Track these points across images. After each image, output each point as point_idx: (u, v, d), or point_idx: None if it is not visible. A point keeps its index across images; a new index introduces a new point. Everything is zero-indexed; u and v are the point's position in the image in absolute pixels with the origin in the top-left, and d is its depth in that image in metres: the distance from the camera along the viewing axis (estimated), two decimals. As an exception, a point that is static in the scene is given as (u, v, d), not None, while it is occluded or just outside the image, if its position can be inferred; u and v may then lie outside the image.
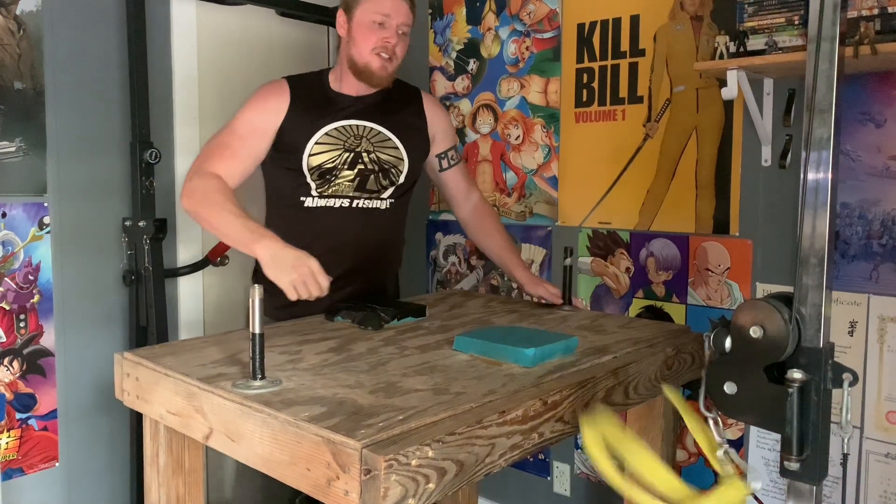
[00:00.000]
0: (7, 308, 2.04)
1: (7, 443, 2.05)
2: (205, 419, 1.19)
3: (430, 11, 2.84)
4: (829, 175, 0.98)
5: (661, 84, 2.23)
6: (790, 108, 1.95)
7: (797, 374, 0.96)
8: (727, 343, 1.03)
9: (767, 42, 1.81)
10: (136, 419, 2.19)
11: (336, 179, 1.83)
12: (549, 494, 2.58)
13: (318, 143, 1.83)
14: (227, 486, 2.41)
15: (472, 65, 2.72)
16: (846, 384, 0.98)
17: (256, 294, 1.15)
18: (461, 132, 2.75)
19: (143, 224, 2.21)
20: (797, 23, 1.77)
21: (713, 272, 2.15)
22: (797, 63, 1.76)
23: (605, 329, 1.65)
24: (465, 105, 2.75)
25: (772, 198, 2.04)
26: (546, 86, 2.51)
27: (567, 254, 1.85)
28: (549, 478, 2.58)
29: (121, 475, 2.32)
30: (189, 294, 2.47)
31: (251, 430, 1.09)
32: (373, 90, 1.89)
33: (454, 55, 2.77)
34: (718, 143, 2.13)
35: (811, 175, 0.99)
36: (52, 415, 2.15)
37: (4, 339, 2.04)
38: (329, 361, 1.34)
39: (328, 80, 1.93)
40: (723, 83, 1.90)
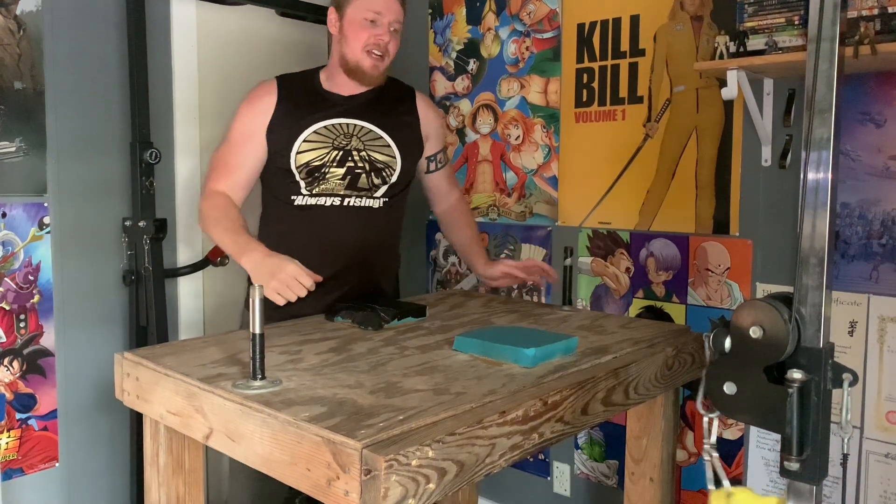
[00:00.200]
0: (7, 308, 2.04)
1: (7, 443, 2.05)
2: (205, 419, 1.19)
3: (430, 11, 2.84)
4: (829, 175, 0.98)
5: (661, 84, 2.23)
6: (790, 108, 1.95)
7: (797, 375, 0.96)
8: (727, 343, 1.03)
9: (767, 42, 1.81)
10: (136, 419, 2.19)
11: (325, 177, 1.83)
12: (549, 494, 2.58)
13: (306, 141, 1.82)
14: (225, 486, 2.41)
15: (472, 65, 2.72)
16: (846, 384, 0.98)
17: (257, 294, 1.15)
18: (461, 132, 2.75)
19: (143, 224, 2.21)
20: (797, 23, 1.77)
21: (713, 272, 2.15)
22: (797, 63, 1.76)
23: (605, 329, 1.65)
24: (465, 105, 2.75)
25: (772, 198, 2.04)
26: (546, 86, 2.51)
27: (567, 254, 1.85)
28: (549, 478, 2.58)
29: (121, 475, 2.32)
30: (189, 294, 2.47)
31: (251, 430, 1.10)
32: (365, 88, 1.88)
33: (454, 55, 2.77)
34: (718, 143, 2.13)
35: (811, 175, 0.99)
36: (52, 415, 2.15)
37: (4, 339, 2.04)
38: (329, 361, 1.34)
39: (319, 79, 1.92)
40: (723, 83, 1.90)
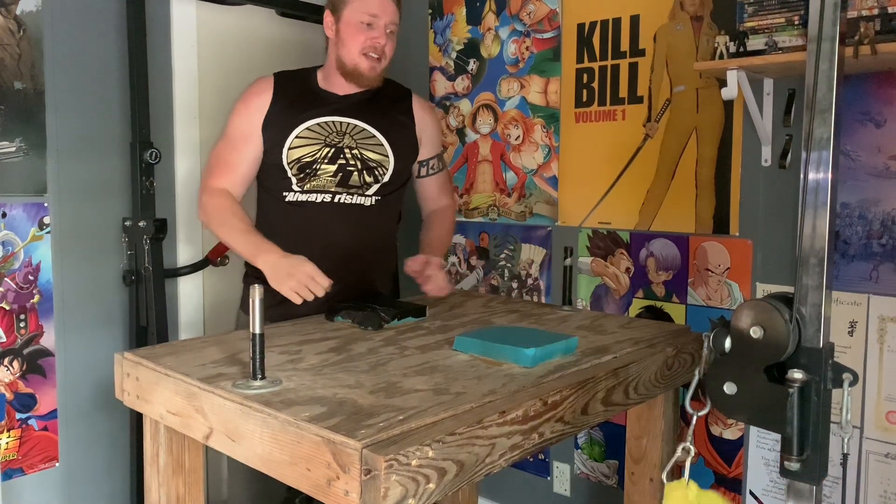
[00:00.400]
0: (7, 308, 2.04)
1: (7, 443, 2.05)
2: (205, 419, 1.19)
3: (430, 11, 2.84)
4: (829, 175, 0.98)
5: (661, 84, 2.23)
6: (790, 108, 1.95)
7: (797, 375, 0.97)
8: (727, 343, 1.03)
9: (767, 42, 1.81)
10: (136, 419, 2.19)
11: (316, 174, 1.84)
12: (549, 494, 2.58)
13: (299, 137, 1.84)
14: (224, 486, 2.41)
15: (472, 65, 2.72)
16: (846, 384, 0.98)
17: (257, 294, 1.15)
18: (461, 132, 2.75)
19: (143, 224, 2.21)
20: (797, 23, 1.77)
21: (713, 272, 2.15)
22: (797, 63, 1.76)
23: (605, 329, 1.65)
24: (465, 105, 2.74)
25: (772, 198, 2.04)
26: (546, 86, 2.51)
27: (567, 254, 1.85)
28: (549, 478, 2.58)
29: (121, 475, 2.32)
30: (189, 294, 2.47)
31: (251, 430, 1.10)
32: (359, 89, 1.89)
33: (454, 55, 2.77)
34: (718, 143, 2.13)
35: (811, 175, 0.99)
36: (52, 415, 2.15)
37: (4, 339, 2.04)
38: (329, 361, 1.34)
39: (316, 78, 1.94)
40: (723, 83, 1.90)
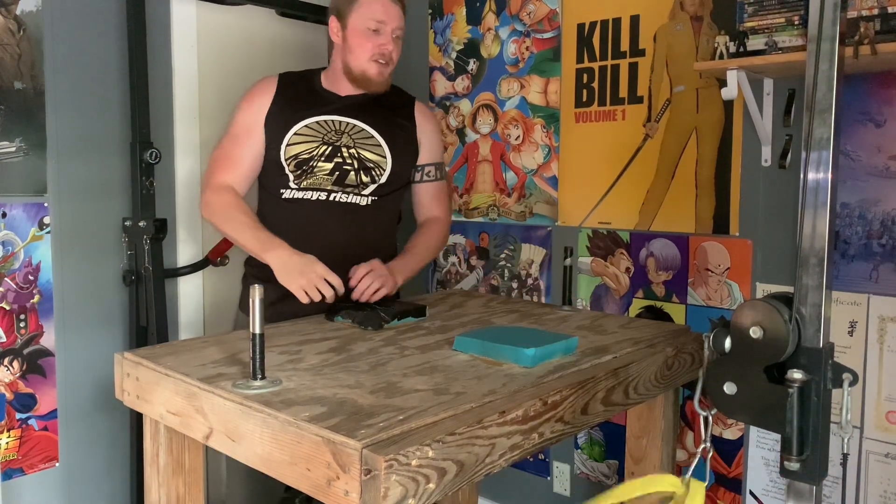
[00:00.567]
0: (7, 308, 2.04)
1: (7, 443, 2.05)
2: (205, 419, 1.19)
3: (430, 11, 2.84)
4: (829, 175, 0.98)
5: (661, 84, 2.23)
6: (790, 108, 1.95)
7: (797, 375, 0.97)
8: (727, 343, 1.03)
9: (767, 42, 1.81)
10: (136, 419, 2.19)
11: (313, 171, 1.84)
12: (549, 494, 2.58)
13: (297, 134, 1.85)
14: (224, 485, 2.41)
15: (472, 65, 2.72)
16: (846, 384, 0.98)
17: (257, 294, 1.15)
18: (461, 132, 2.75)
19: (143, 224, 2.21)
20: (797, 23, 1.77)
21: (713, 272, 2.15)
22: (797, 63, 1.76)
23: (605, 329, 1.65)
24: (465, 105, 2.74)
25: (772, 198, 2.04)
26: (546, 86, 2.51)
27: (567, 254, 1.85)
28: (549, 478, 2.58)
29: (121, 475, 2.32)
30: (189, 294, 2.47)
31: (251, 430, 1.10)
32: (361, 91, 1.90)
33: (454, 55, 2.77)
34: (718, 143, 2.13)
35: (811, 175, 0.99)
36: (52, 415, 2.15)
37: (4, 339, 2.04)
38: (329, 361, 1.34)
39: (320, 78, 1.95)
40: (723, 83, 1.90)
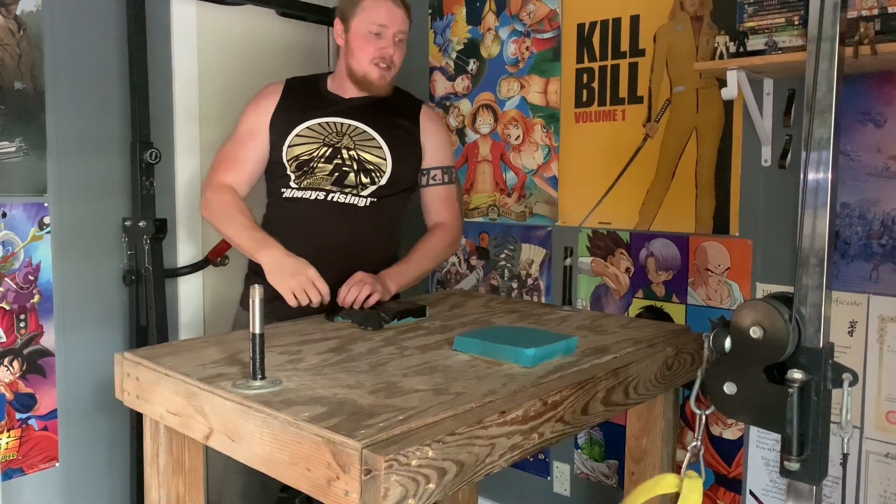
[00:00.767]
0: (7, 308, 2.04)
1: (7, 443, 2.05)
2: (205, 419, 1.19)
3: (430, 11, 2.84)
4: (829, 175, 0.98)
5: (661, 84, 2.23)
6: (790, 108, 1.95)
7: (797, 374, 0.97)
8: (727, 343, 1.03)
9: (767, 42, 1.81)
10: (136, 419, 2.19)
11: (313, 172, 1.85)
12: (549, 494, 2.58)
13: (299, 136, 1.87)
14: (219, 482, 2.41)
15: (472, 65, 2.72)
16: (846, 384, 0.98)
17: (257, 294, 1.15)
18: (461, 132, 2.75)
19: (143, 224, 2.21)
20: (797, 23, 1.77)
21: (713, 272, 2.15)
22: (797, 63, 1.76)
23: (605, 329, 1.65)
24: (465, 105, 2.74)
25: (772, 198, 2.04)
26: (546, 86, 2.51)
27: (567, 254, 1.85)
28: (549, 478, 2.58)
29: (121, 475, 2.32)
30: (189, 294, 2.47)
31: (251, 430, 1.09)
32: (365, 94, 1.91)
33: (454, 55, 2.77)
34: (718, 143, 2.13)
35: (811, 175, 0.99)
36: (52, 415, 2.15)
37: (4, 339, 2.04)
38: (329, 361, 1.34)
39: (325, 82, 1.97)
40: (723, 83, 1.90)
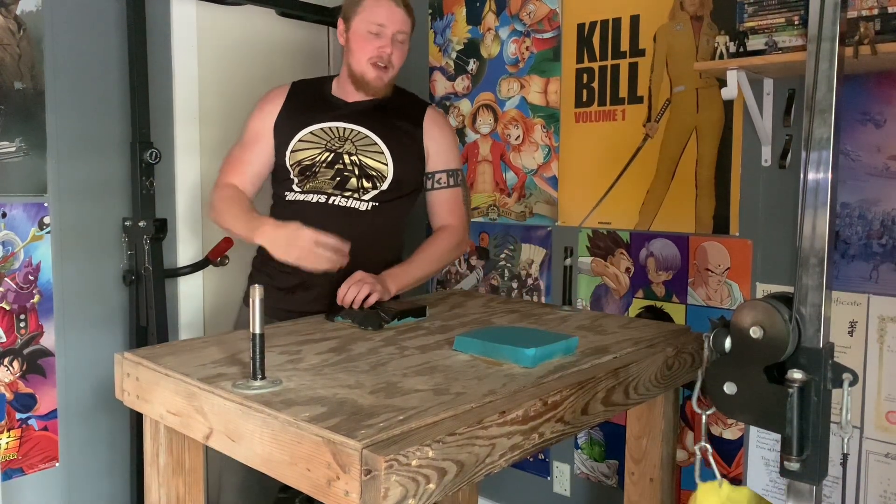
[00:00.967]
0: (7, 308, 2.04)
1: (7, 443, 2.05)
2: (205, 419, 1.19)
3: (431, 11, 2.84)
4: (829, 175, 0.98)
5: (661, 84, 2.23)
6: (790, 108, 1.95)
7: (797, 374, 0.96)
8: (727, 343, 1.03)
9: (767, 42, 1.81)
10: (136, 419, 2.19)
11: (315, 176, 1.86)
12: (549, 494, 2.58)
13: (302, 141, 1.87)
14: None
15: (472, 65, 2.72)
16: (846, 384, 0.98)
17: (257, 294, 1.15)
18: (461, 132, 2.75)
19: (143, 224, 2.21)
20: (797, 23, 1.77)
21: (713, 272, 2.15)
22: (797, 63, 1.76)
23: (605, 329, 1.65)
24: (465, 105, 2.74)
25: (772, 198, 2.04)
26: (546, 86, 2.51)
27: (567, 254, 1.85)
28: (549, 478, 2.58)
29: (121, 475, 2.32)
30: (189, 294, 2.47)
31: (251, 431, 1.09)
32: (369, 97, 1.92)
33: (454, 55, 2.77)
34: (718, 143, 2.13)
35: (811, 175, 0.99)
36: (52, 415, 2.15)
37: (4, 339, 2.04)
38: (329, 361, 1.34)
39: (330, 85, 1.98)
40: (723, 83, 1.91)
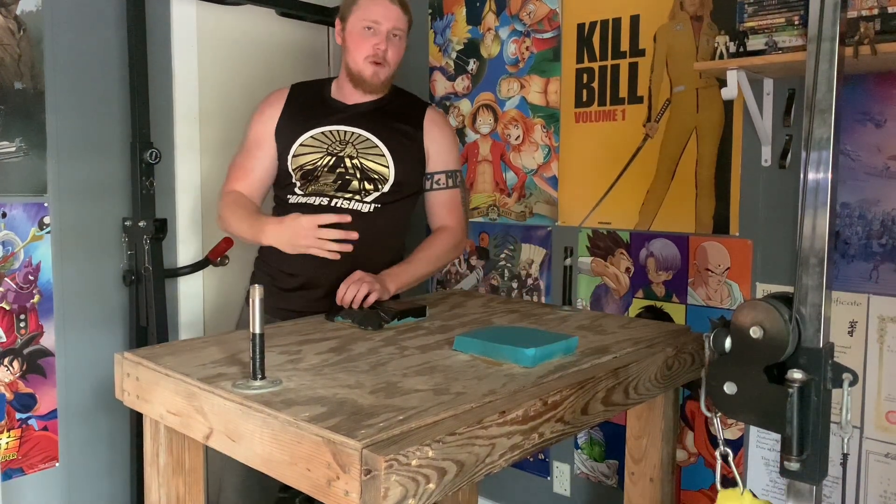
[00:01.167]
0: (7, 308, 2.04)
1: (7, 443, 2.05)
2: (205, 419, 1.19)
3: (430, 11, 2.84)
4: (829, 175, 0.98)
5: (661, 84, 2.23)
6: (790, 108, 1.95)
7: (797, 374, 0.97)
8: (727, 343, 1.03)
9: (767, 42, 1.81)
10: (136, 419, 2.19)
11: (317, 179, 1.86)
12: (549, 494, 2.58)
13: (303, 145, 1.87)
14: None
15: (472, 65, 2.72)
16: (846, 384, 0.98)
17: (257, 294, 1.15)
18: (461, 132, 2.75)
19: (143, 224, 2.21)
20: (797, 23, 1.77)
21: (713, 272, 2.15)
22: (797, 63, 1.76)
23: (605, 329, 1.65)
24: (465, 105, 2.74)
25: (772, 198, 2.04)
26: (546, 86, 2.51)
27: (567, 254, 1.85)
28: (549, 478, 2.58)
29: (121, 475, 2.32)
30: (189, 294, 2.47)
31: (251, 431, 1.09)
32: (369, 98, 1.92)
33: (454, 55, 2.77)
34: (718, 143, 2.13)
35: (811, 175, 0.99)
36: (52, 415, 2.15)
37: (4, 339, 2.04)
38: (329, 361, 1.34)
39: (330, 87, 1.98)
40: (723, 83, 1.91)
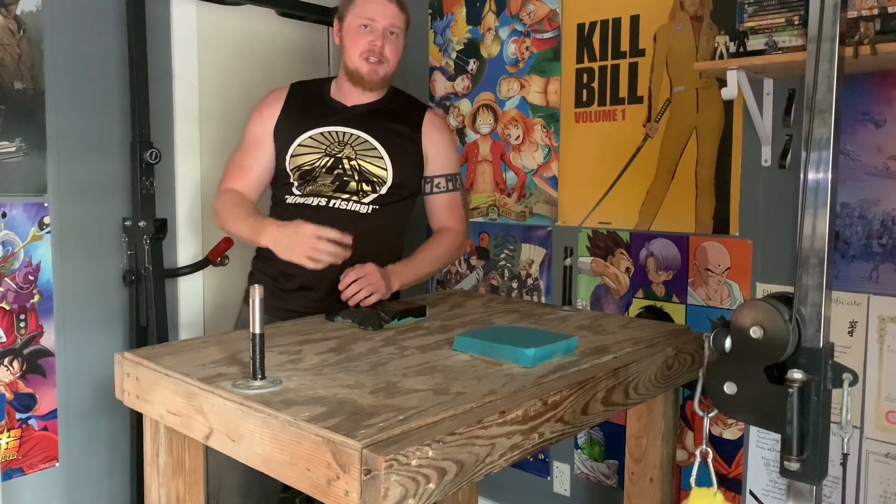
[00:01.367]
0: (7, 308, 2.04)
1: (7, 443, 2.05)
2: (205, 419, 1.19)
3: (431, 11, 2.84)
4: (829, 175, 0.98)
5: (661, 84, 2.23)
6: (790, 108, 1.95)
7: (797, 374, 0.97)
8: (727, 343, 1.03)
9: (767, 42, 1.81)
10: (136, 419, 2.19)
11: (315, 180, 1.86)
12: (549, 494, 2.58)
13: (301, 146, 1.87)
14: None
15: (472, 65, 2.72)
16: (846, 384, 0.98)
17: (257, 294, 1.15)
18: (461, 132, 2.75)
19: (143, 224, 2.21)
20: (797, 23, 1.77)
21: (713, 272, 2.15)
22: (797, 63, 1.76)
23: (605, 329, 1.65)
24: (465, 105, 2.74)
25: (772, 198, 2.04)
26: (546, 86, 2.51)
27: (567, 254, 1.85)
28: (549, 478, 2.58)
29: (121, 475, 2.32)
30: (189, 294, 2.47)
31: (251, 430, 1.09)
32: (368, 99, 1.92)
33: (454, 55, 2.77)
34: (718, 143, 2.13)
35: (811, 175, 0.99)
36: (52, 415, 2.15)
37: (4, 339, 2.04)
38: (329, 361, 1.34)
39: (329, 88, 1.97)
40: (723, 83, 1.90)
